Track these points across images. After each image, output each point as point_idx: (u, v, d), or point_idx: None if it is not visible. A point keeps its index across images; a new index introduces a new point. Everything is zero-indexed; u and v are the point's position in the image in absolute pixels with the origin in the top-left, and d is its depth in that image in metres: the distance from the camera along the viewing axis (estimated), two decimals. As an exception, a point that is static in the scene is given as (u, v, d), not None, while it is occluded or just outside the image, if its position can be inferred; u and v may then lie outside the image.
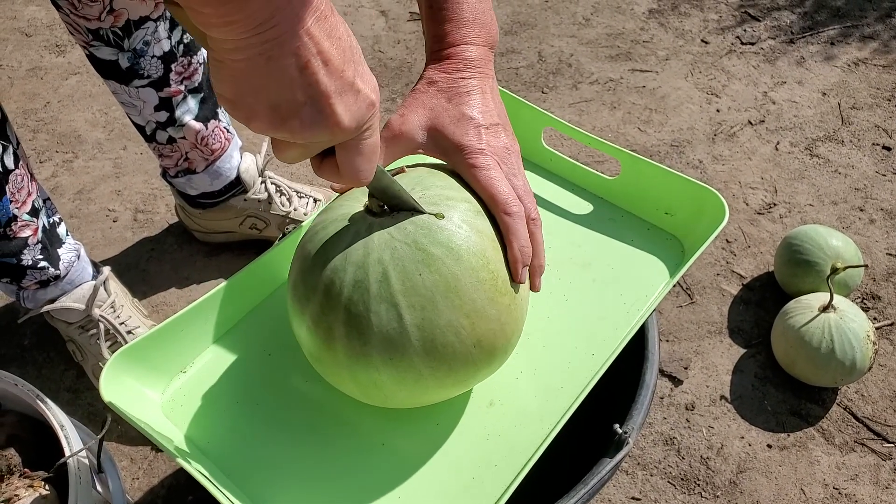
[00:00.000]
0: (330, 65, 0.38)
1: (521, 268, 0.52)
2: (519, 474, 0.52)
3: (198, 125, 0.97)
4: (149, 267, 1.15)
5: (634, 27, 1.63)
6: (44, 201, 0.89)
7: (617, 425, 0.58)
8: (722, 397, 1.01)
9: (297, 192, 1.12)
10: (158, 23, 0.86)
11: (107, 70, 0.88)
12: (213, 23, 0.35)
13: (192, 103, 0.95)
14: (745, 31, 1.61)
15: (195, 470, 0.50)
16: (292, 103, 0.38)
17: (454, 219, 0.51)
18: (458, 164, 0.54)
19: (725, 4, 1.68)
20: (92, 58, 0.88)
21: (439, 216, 0.51)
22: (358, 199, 0.54)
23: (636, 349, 0.67)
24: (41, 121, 1.41)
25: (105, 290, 0.94)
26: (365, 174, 0.45)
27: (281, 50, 0.36)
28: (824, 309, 0.97)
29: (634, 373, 0.67)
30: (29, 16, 1.67)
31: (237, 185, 1.06)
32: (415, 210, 0.51)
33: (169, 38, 0.88)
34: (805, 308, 0.99)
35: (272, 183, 1.09)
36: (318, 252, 0.51)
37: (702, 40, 1.59)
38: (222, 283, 0.64)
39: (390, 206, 0.52)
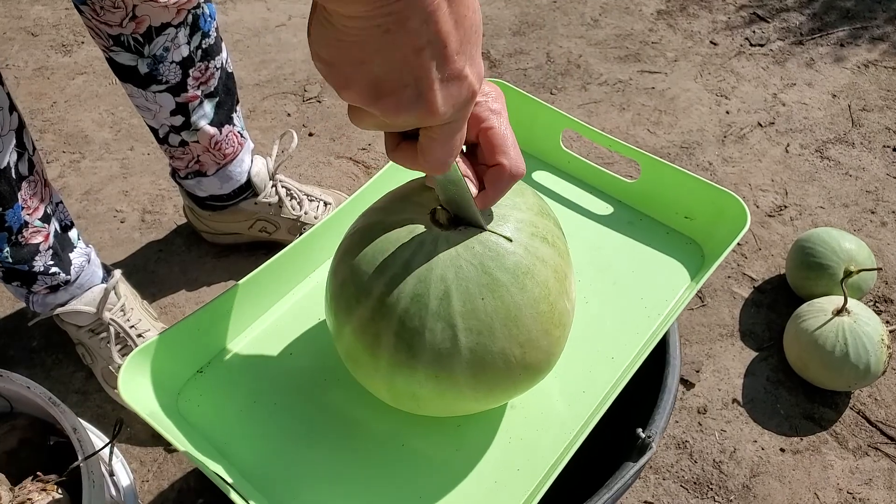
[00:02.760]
0: (446, 50, 0.35)
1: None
2: (544, 482, 0.52)
3: (212, 130, 0.96)
4: (157, 268, 1.15)
5: (643, 28, 1.63)
6: (56, 205, 0.88)
7: (640, 430, 0.58)
8: (734, 401, 1.00)
9: (308, 195, 1.11)
10: (179, 29, 0.85)
11: (125, 74, 0.88)
12: None
13: (208, 108, 0.95)
14: (753, 32, 1.61)
15: (212, 471, 0.50)
16: (395, 83, 0.35)
17: (522, 243, 0.50)
18: (478, 113, 0.47)
19: (734, 5, 1.68)
20: (111, 61, 0.87)
21: (508, 240, 0.49)
22: (420, 205, 0.52)
23: (655, 352, 0.67)
24: (48, 121, 1.40)
25: (115, 293, 0.93)
26: (445, 165, 0.42)
27: (402, 26, 0.33)
28: (838, 312, 0.97)
29: (652, 375, 0.67)
30: (35, 15, 1.66)
31: (247, 189, 1.06)
32: (479, 226, 0.49)
33: (188, 43, 0.87)
34: (818, 311, 0.98)
35: (283, 186, 1.08)
36: (375, 255, 0.50)
37: (710, 42, 1.58)
38: (239, 281, 0.63)
39: (451, 209, 0.50)
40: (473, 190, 0.48)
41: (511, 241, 0.49)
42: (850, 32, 1.60)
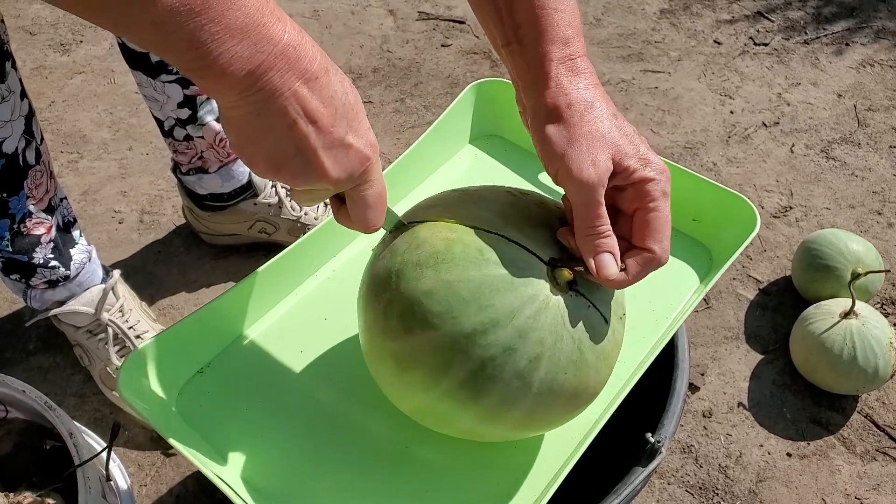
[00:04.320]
0: (318, 123, 0.41)
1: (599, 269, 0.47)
2: (550, 487, 0.51)
3: (218, 126, 0.95)
4: (155, 269, 1.13)
5: (646, 27, 1.61)
6: (61, 200, 0.88)
7: (649, 434, 0.57)
8: (740, 404, 0.99)
9: (308, 194, 1.10)
10: None
11: (136, 61, 0.87)
12: (205, 87, 0.40)
13: (216, 104, 0.93)
14: (757, 31, 1.59)
15: (212, 473, 0.49)
16: (284, 155, 0.42)
17: (612, 326, 0.49)
18: (649, 191, 0.47)
19: (738, 4, 1.67)
20: (122, 46, 0.86)
21: (606, 322, 0.48)
22: (537, 240, 0.48)
23: (663, 356, 0.66)
24: (46, 120, 1.39)
25: (114, 293, 0.92)
26: (372, 221, 0.47)
27: (268, 109, 0.40)
28: (846, 315, 0.95)
29: (659, 379, 0.66)
30: (33, 14, 1.65)
31: (248, 189, 1.04)
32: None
33: None
34: (826, 314, 0.97)
35: (283, 187, 1.07)
36: (482, 286, 0.45)
37: (714, 41, 1.57)
38: (240, 281, 0.62)
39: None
40: (615, 269, 0.46)
41: (608, 323, 0.48)
42: (854, 31, 1.58)
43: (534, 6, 0.47)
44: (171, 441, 0.51)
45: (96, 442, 0.79)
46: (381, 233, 0.52)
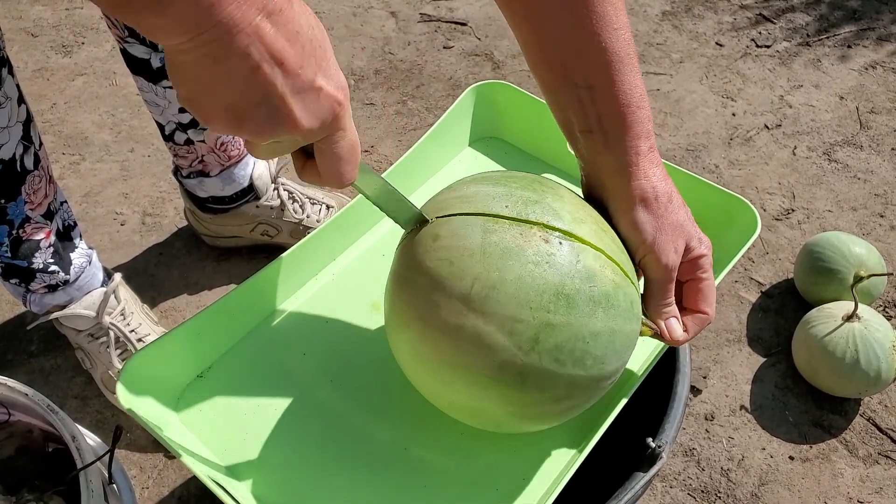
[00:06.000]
0: (285, 64, 0.36)
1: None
2: (551, 491, 0.51)
3: None
4: (157, 272, 1.13)
5: (648, 29, 1.61)
6: (60, 204, 0.88)
7: (650, 439, 0.56)
8: (742, 407, 0.99)
9: (310, 198, 1.10)
10: None
11: (137, 67, 0.87)
12: (143, 28, 0.34)
13: None
14: (759, 33, 1.59)
15: (209, 479, 0.49)
16: (246, 105, 0.36)
17: None
18: (702, 264, 0.54)
19: (740, 6, 1.66)
20: (124, 52, 0.86)
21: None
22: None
23: (664, 360, 0.66)
24: (47, 122, 1.39)
25: (115, 297, 0.92)
26: (346, 176, 0.43)
27: (226, 51, 0.34)
28: (848, 318, 0.95)
29: (661, 383, 0.65)
30: (35, 16, 1.65)
31: (249, 193, 1.04)
32: (421, 220, 0.51)
33: None
34: (828, 317, 0.97)
35: (285, 189, 1.07)
36: (627, 337, 0.49)
37: (716, 43, 1.57)
38: (240, 284, 0.62)
39: (384, 210, 0.51)
40: (681, 331, 0.54)
41: None
42: (856, 33, 1.58)
43: (619, 102, 0.51)
44: (170, 447, 0.51)
45: (98, 444, 0.79)
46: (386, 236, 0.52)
